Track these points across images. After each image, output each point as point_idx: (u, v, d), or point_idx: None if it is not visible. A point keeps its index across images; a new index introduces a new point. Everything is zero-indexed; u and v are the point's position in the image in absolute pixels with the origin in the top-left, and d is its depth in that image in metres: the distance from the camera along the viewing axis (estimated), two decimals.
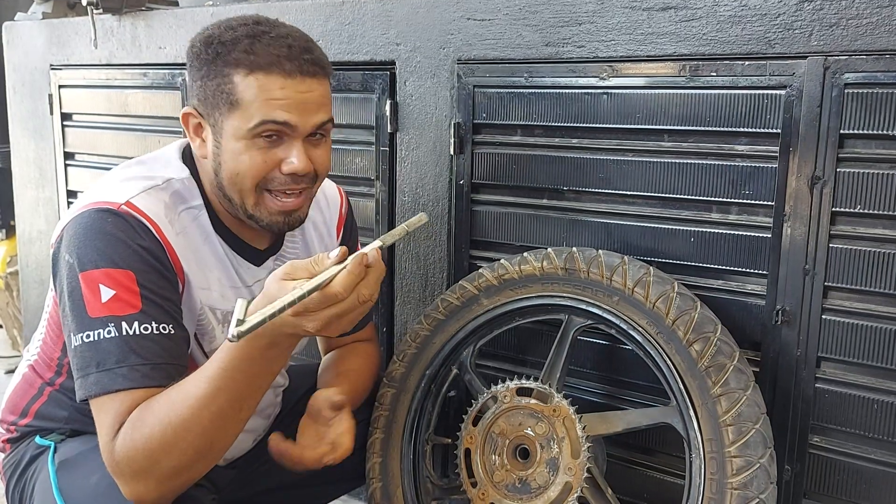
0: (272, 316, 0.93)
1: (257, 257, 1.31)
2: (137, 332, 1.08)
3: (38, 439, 1.30)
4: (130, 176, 1.21)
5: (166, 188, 1.21)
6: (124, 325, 1.07)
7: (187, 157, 1.27)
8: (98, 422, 1.07)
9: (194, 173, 1.25)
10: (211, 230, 1.24)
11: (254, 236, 1.30)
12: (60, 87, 2.51)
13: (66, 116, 2.53)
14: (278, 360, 1.06)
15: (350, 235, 1.51)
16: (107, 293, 1.08)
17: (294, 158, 1.17)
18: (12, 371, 2.96)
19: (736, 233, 1.39)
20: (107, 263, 1.09)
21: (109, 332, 1.07)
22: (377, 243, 1.00)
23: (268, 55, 1.14)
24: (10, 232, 3.33)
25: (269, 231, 1.27)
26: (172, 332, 1.11)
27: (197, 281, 1.22)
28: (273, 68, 1.13)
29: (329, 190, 1.48)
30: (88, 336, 1.07)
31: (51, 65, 2.53)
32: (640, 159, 1.47)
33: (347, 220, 1.50)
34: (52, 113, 2.56)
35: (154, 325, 1.09)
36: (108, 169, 1.31)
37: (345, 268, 0.96)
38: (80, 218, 1.14)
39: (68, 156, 2.55)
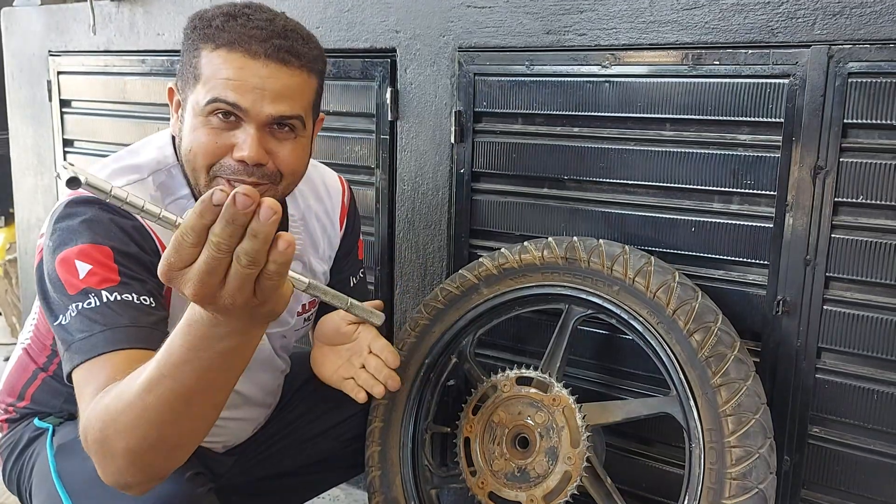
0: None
1: None
2: (119, 299, 1.02)
3: (36, 421, 1.30)
4: (117, 168, 1.18)
5: (153, 180, 1.18)
6: (105, 293, 1.02)
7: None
8: (79, 395, 0.98)
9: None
10: None
11: None
12: (59, 73, 2.50)
13: (64, 103, 2.52)
14: (231, 356, 0.83)
15: (353, 226, 1.49)
16: (83, 268, 1.04)
17: (243, 145, 1.10)
18: None
19: (737, 223, 1.39)
20: (83, 240, 1.05)
21: (89, 304, 1.02)
22: (304, 280, 0.82)
23: (236, 33, 1.10)
24: (9, 219, 3.33)
25: None
26: (153, 305, 1.06)
27: None
28: (236, 46, 1.09)
29: (330, 179, 1.46)
30: (72, 312, 1.02)
31: (49, 51, 2.52)
32: (641, 148, 1.46)
33: (350, 210, 1.48)
34: (50, 99, 2.55)
35: (135, 296, 1.04)
36: (107, 156, 1.29)
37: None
38: (65, 208, 1.11)
39: (67, 143, 2.54)
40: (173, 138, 1.23)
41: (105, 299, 1.02)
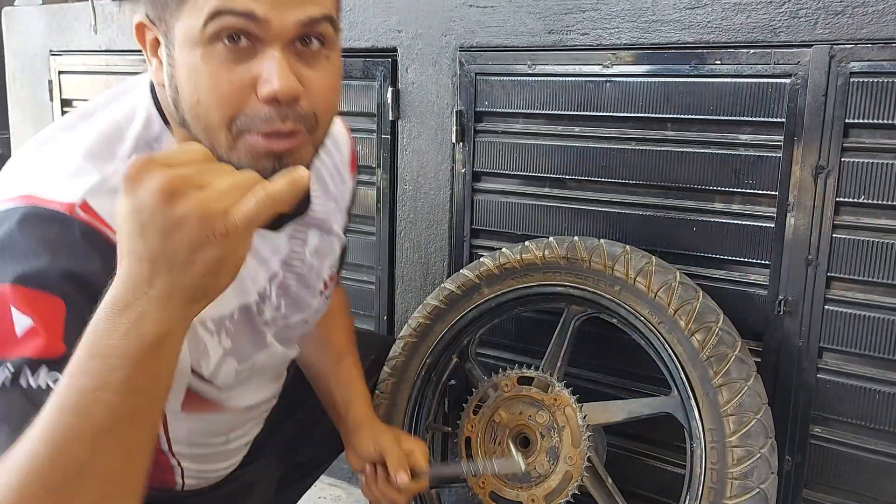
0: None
1: (273, 220, 0.83)
2: (48, 387, 0.72)
3: None
4: (84, 152, 0.87)
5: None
6: (41, 373, 0.74)
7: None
8: None
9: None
10: None
11: None
12: (60, 73, 2.50)
13: (66, 103, 2.52)
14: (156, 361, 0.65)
15: (356, 176, 1.27)
16: (21, 322, 0.74)
17: (269, 75, 0.78)
18: None
19: (739, 222, 1.39)
20: (29, 280, 0.75)
21: (6, 378, 0.73)
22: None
23: None
24: None
25: None
26: None
27: None
28: None
29: (335, 127, 1.15)
30: None
31: (50, 51, 2.52)
32: (642, 148, 1.46)
33: (356, 159, 1.26)
34: (52, 99, 2.55)
35: None
36: None
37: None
38: (13, 214, 0.79)
39: None
40: (153, 91, 0.91)
41: (30, 384, 0.73)
